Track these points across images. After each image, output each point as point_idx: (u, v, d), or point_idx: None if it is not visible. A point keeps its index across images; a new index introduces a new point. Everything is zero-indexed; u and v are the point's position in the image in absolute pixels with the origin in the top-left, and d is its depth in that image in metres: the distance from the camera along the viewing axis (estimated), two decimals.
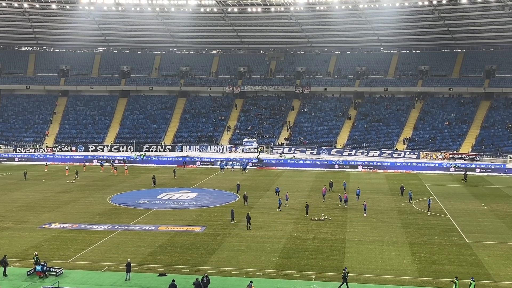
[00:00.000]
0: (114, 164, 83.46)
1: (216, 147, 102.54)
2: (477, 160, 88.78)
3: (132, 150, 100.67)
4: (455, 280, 31.28)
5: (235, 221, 47.66)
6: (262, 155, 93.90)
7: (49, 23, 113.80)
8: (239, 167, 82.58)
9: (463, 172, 75.69)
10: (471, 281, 31.01)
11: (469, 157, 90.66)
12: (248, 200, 55.24)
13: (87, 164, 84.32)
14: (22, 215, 50.10)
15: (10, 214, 50.56)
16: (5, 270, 33.96)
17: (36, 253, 35.77)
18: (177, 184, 68.43)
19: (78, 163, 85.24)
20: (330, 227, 45.98)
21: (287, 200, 54.89)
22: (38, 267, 33.59)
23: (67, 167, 77.32)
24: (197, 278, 31.90)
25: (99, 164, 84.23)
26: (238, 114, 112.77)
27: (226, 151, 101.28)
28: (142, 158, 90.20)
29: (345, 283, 32.01)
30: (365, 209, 51.08)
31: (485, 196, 61.33)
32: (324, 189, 59.48)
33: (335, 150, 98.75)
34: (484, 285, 32.82)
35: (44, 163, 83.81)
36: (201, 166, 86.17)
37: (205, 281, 31.51)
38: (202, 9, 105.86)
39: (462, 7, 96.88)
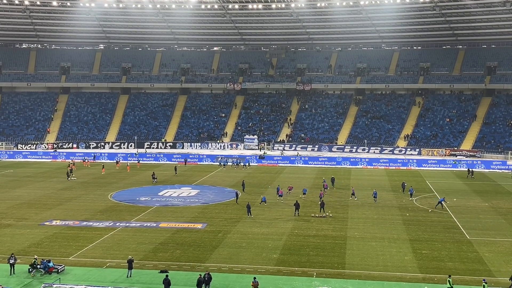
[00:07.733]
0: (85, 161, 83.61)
1: (217, 144, 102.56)
2: (478, 157, 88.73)
3: (134, 147, 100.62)
4: (449, 279, 31.28)
5: (252, 215, 48.00)
6: (268, 153, 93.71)
7: (50, 20, 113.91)
8: (231, 164, 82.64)
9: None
10: (484, 283, 30.80)
11: (470, 153, 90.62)
12: (246, 198, 55.21)
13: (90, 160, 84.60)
14: (23, 212, 50.15)
15: (11, 211, 50.61)
16: (31, 269, 33.97)
17: (35, 257, 35.16)
18: (178, 181, 68.44)
19: (79, 160, 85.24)
20: (331, 224, 46.00)
21: (280, 196, 55.55)
22: (51, 264, 33.90)
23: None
24: (200, 275, 31.90)
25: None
26: (239, 111, 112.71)
27: (227, 148, 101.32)
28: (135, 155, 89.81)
29: None
30: (353, 194, 56.43)
31: (487, 193, 61.30)
32: (325, 184, 62.49)
33: (336, 147, 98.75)
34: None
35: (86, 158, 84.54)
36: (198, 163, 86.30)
37: (206, 278, 31.53)
38: (203, 6, 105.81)
39: (463, 3, 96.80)
